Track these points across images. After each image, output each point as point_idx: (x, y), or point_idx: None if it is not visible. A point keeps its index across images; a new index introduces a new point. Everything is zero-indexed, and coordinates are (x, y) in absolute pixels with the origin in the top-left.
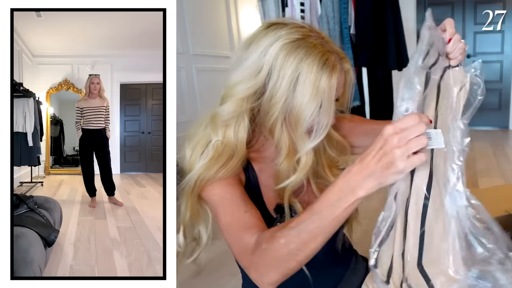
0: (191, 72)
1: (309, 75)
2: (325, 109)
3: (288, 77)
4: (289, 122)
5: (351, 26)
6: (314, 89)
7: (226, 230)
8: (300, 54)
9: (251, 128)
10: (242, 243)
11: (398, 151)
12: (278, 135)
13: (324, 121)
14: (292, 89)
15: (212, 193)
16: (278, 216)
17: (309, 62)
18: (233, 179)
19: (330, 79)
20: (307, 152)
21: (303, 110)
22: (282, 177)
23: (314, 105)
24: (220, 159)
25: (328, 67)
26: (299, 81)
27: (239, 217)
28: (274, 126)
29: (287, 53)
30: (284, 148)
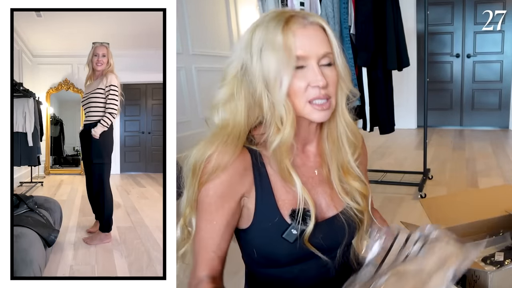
0: (191, 72)
1: (267, 37)
2: (284, 63)
3: (255, 47)
4: (271, 93)
5: (351, 26)
6: (273, 48)
7: (196, 239)
8: (264, 24)
9: (256, 117)
10: (195, 265)
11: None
12: (265, 110)
13: (285, 74)
14: (259, 57)
15: (206, 194)
16: (293, 222)
17: (268, 28)
18: (231, 191)
19: (285, 32)
20: (284, 106)
21: (271, 71)
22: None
23: (276, 63)
24: (217, 137)
25: (281, 21)
26: (263, 49)
27: (206, 247)
28: (262, 103)
29: (257, 27)
30: (272, 120)
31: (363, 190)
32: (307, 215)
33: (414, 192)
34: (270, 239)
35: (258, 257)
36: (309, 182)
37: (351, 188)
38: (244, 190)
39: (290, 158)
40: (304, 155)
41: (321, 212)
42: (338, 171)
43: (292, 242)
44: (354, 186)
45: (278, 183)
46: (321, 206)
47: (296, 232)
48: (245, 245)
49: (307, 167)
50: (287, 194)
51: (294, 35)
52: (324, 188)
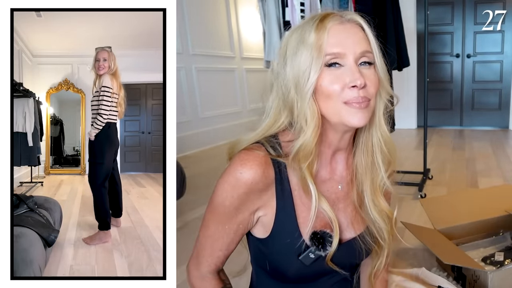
0: (191, 72)
1: (302, 37)
2: (313, 59)
3: (290, 49)
4: (298, 93)
5: None
6: (304, 45)
7: (205, 235)
8: (301, 26)
9: (282, 122)
10: (201, 259)
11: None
12: (295, 114)
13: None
14: (293, 58)
15: (222, 202)
16: (314, 247)
17: (304, 28)
18: (246, 205)
19: (318, 29)
20: (309, 105)
21: (300, 69)
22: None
23: (305, 60)
24: (257, 134)
25: (316, 20)
26: (297, 49)
27: (215, 246)
28: (293, 106)
29: (295, 30)
30: (299, 123)
31: (390, 213)
32: (327, 241)
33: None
34: (286, 256)
35: (270, 269)
36: (332, 198)
37: (380, 208)
38: (261, 204)
39: (312, 167)
40: (331, 168)
41: (340, 232)
42: (371, 189)
43: (308, 265)
44: (383, 207)
45: (301, 198)
46: (340, 226)
47: (314, 256)
48: (259, 254)
49: (333, 181)
50: (308, 211)
51: (328, 32)
52: (346, 206)
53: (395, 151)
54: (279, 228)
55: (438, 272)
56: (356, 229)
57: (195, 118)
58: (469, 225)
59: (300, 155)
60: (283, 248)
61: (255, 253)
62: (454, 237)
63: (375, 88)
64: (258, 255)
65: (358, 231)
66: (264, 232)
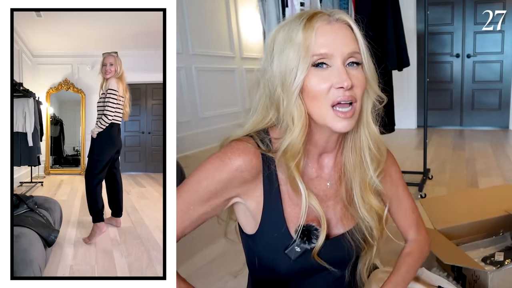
0: (191, 72)
1: (289, 35)
2: (300, 59)
3: (277, 46)
4: (285, 92)
5: None
6: (292, 44)
7: (183, 188)
8: (287, 24)
9: (270, 119)
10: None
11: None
12: (282, 112)
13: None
14: (280, 56)
15: (197, 181)
16: (299, 240)
17: (291, 26)
18: (223, 191)
19: (305, 28)
20: (296, 105)
21: (287, 68)
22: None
23: (292, 59)
24: (246, 130)
25: (304, 19)
26: (284, 48)
27: (187, 204)
28: (279, 104)
29: (281, 27)
30: (286, 123)
31: (380, 211)
32: (313, 234)
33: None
34: (273, 251)
35: (259, 266)
36: (320, 195)
37: (370, 206)
38: (241, 192)
39: (300, 165)
40: (318, 165)
41: (328, 228)
42: (361, 187)
43: (294, 260)
44: (372, 204)
45: (289, 194)
46: (329, 222)
47: (300, 250)
48: (249, 251)
49: (321, 179)
50: (295, 207)
51: (316, 31)
52: (335, 203)
53: (385, 150)
54: (266, 223)
55: (438, 272)
56: (346, 225)
57: (195, 118)
58: (469, 225)
59: (287, 155)
60: (270, 242)
61: (248, 251)
62: (454, 237)
63: (362, 89)
64: (249, 253)
65: (347, 228)
66: (253, 227)
